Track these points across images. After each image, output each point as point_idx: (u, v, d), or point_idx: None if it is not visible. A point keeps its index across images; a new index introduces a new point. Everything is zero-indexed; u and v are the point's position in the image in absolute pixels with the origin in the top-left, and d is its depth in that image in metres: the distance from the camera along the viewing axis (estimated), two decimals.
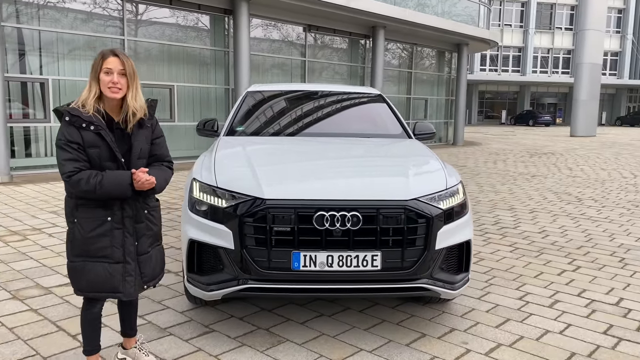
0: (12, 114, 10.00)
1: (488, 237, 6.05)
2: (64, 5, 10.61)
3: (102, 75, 2.50)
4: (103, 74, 2.50)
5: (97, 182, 2.42)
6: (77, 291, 2.61)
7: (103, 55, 2.53)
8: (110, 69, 2.49)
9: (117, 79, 2.49)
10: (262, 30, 14.48)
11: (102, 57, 2.52)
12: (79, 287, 2.59)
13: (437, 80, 21.15)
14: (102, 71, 2.50)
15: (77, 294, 2.62)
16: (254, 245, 3.05)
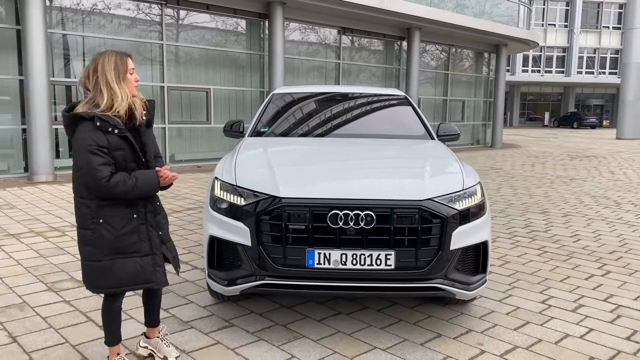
0: (57, 117, 10.47)
1: (516, 240, 5.97)
2: (106, 12, 11.03)
3: (128, 76, 2.61)
4: (129, 75, 2.61)
5: (133, 184, 2.54)
6: (104, 289, 2.65)
7: (122, 57, 2.62)
8: (133, 69, 2.64)
9: (137, 77, 2.67)
10: (297, 33, 14.64)
11: (121, 59, 2.61)
12: (107, 285, 2.63)
13: (475, 82, 20.84)
14: (128, 71, 2.61)
15: (100, 292, 2.67)
16: (270, 242, 3.13)
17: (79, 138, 2.50)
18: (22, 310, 3.73)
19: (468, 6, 18.43)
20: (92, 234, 2.58)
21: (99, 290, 2.68)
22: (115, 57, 2.60)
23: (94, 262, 2.60)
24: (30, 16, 9.21)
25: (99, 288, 2.67)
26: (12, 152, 10.07)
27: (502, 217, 7.20)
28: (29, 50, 9.28)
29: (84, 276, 2.68)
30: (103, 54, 2.61)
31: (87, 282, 2.68)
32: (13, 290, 4.11)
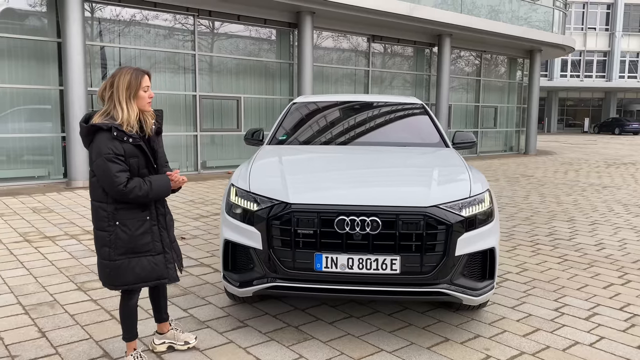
0: None
1: (538, 248, 5.93)
2: (141, 24, 11.46)
3: (141, 92, 2.81)
4: (142, 92, 2.81)
5: (148, 188, 2.77)
6: (120, 286, 2.87)
7: (137, 75, 2.80)
8: (147, 86, 2.84)
9: (151, 93, 2.87)
10: (326, 41, 14.83)
11: (137, 77, 2.79)
12: (124, 282, 2.84)
13: (508, 88, 20.58)
14: (142, 89, 2.81)
15: (118, 289, 2.89)
16: (280, 246, 3.27)
17: (97, 147, 2.71)
18: (53, 307, 3.98)
19: (501, 12, 18.26)
20: (108, 235, 2.79)
21: (116, 287, 2.89)
22: (130, 76, 2.78)
23: (110, 261, 2.81)
24: (69, 29, 9.68)
25: (116, 285, 2.87)
26: (52, 159, 10.56)
27: (526, 225, 7.15)
28: (68, 62, 9.75)
29: (101, 275, 2.89)
30: (121, 71, 2.81)
31: (103, 280, 2.90)
32: (45, 289, 4.37)
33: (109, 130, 2.70)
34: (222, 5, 12.14)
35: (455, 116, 18.37)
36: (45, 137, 10.44)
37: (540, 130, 47.02)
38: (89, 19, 10.73)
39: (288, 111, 5.13)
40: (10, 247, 5.66)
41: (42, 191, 9.40)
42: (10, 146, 10.09)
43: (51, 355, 3.22)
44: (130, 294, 2.97)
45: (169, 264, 2.96)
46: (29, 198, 8.66)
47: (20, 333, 3.52)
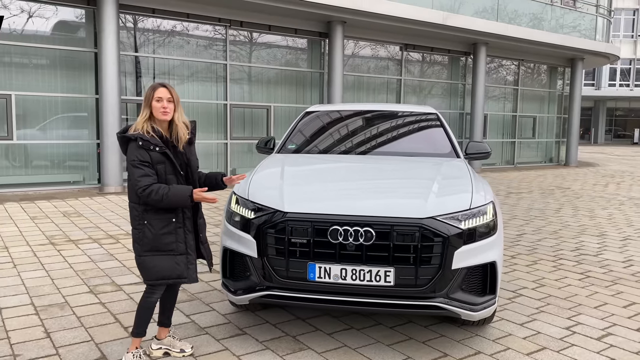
0: None
1: (560, 263, 5.71)
2: (174, 35, 11.77)
3: (154, 102, 3.06)
4: (155, 102, 3.05)
5: (164, 194, 2.95)
6: (147, 280, 3.09)
7: (154, 87, 3.09)
8: (160, 98, 3.06)
9: (166, 104, 3.06)
10: (358, 50, 14.82)
11: (152, 89, 3.08)
12: (148, 277, 3.07)
13: (548, 97, 20.01)
14: (154, 99, 3.05)
15: (146, 282, 3.11)
16: (274, 255, 3.27)
17: (128, 154, 3.04)
18: (62, 309, 4.10)
19: (540, 19, 17.83)
20: (138, 232, 3.07)
21: (145, 280, 3.11)
22: (148, 88, 3.12)
23: (139, 256, 3.08)
24: (105, 40, 10.03)
25: (144, 278, 3.11)
26: (87, 165, 10.93)
27: (552, 239, 6.91)
28: (103, 71, 10.10)
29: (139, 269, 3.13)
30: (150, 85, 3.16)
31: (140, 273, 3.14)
32: (59, 291, 4.51)
33: (136, 139, 2.99)
34: (254, 16, 12.33)
35: (492, 126, 17.99)
36: (82, 143, 10.82)
37: (586, 142, 45.48)
38: (123, 30, 11.10)
39: (300, 120, 5.14)
40: (35, 249, 5.87)
41: (75, 196, 9.74)
42: (49, 152, 10.51)
43: (51, 355, 3.31)
44: (152, 290, 3.13)
45: (190, 264, 3.14)
46: (62, 202, 8.98)
47: (27, 333, 3.63)
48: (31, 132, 10.27)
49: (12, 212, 7.97)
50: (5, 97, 9.76)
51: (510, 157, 18.79)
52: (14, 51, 9.99)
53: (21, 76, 10.05)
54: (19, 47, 10.01)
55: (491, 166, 17.95)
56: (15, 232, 6.70)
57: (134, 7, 10.88)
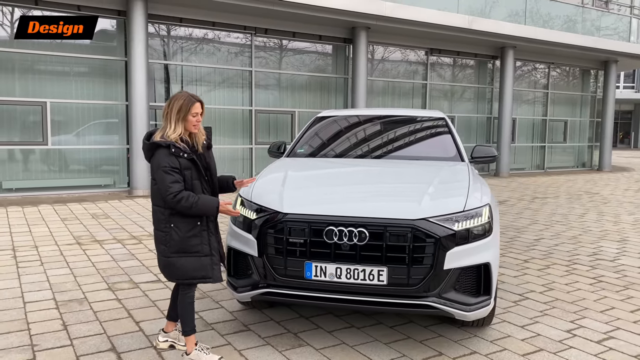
0: None
1: (573, 268, 5.67)
2: (200, 43, 12.12)
3: (189, 117, 3.17)
4: (191, 117, 3.18)
5: (193, 202, 3.08)
6: (174, 279, 3.24)
7: (190, 102, 3.17)
8: (196, 113, 3.20)
9: (200, 118, 3.23)
10: (383, 55, 14.91)
11: (188, 104, 3.16)
12: (176, 277, 3.21)
13: (580, 101, 19.60)
14: (191, 114, 3.17)
15: (173, 281, 3.26)
16: (273, 254, 3.42)
17: (157, 160, 3.11)
18: (81, 304, 4.34)
19: (571, 21, 17.54)
20: (164, 235, 3.18)
21: (170, 279, 3.26)
22: (182, 101, 3.16)
23: (165, 257, 3.20)
24: (134, 49, 10.43)
25: (170, 278, 3.25)
26: (118, 169, 11.35)
27: (570, 244, 6.84)
28: (132, 79, 10.50)
29: (161, 267, 3.28)
30: (178, 95, 3.20)
31: (162, 271, 3.28)
32: (80, 287, 4.77)
33: (168, 147, 3.09)
34: (279, 24, 12.58)
35: (521, 130, 17.76)
36: (113, 148, 11.25)
37: (626, 146, 44.13)
38: (153, 39, 11.50)
39: (311, 125, 5.29)
40: (62, 248, 6.19)
41: (105, 199, 10.13)
42: (82, 157, 10.96)
43: (66, 346, 3.54)
44: (187, 289, 3.27)
45: (215, 265, 3.27)
46: (92, 205, 9.37)
47: (46, 325, 3.88)
48: (65, 138, 10.75)
49: (45, 214, 8.38)
50: (41, 104, 10.26)
51: (540, 162, 18.49)
52: (48, 60, 10.49)
53: (56, 84, 10.54)
54: (54, 57, 10.50)
55: (520, 171, 17.71)
56: (46, 232, 7.06)
57: (162, 16, 11.27)
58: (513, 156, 17.40)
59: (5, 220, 7.85)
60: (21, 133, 10.32)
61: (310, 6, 11.59)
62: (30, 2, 9.96)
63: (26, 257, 5.75)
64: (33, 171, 10.52)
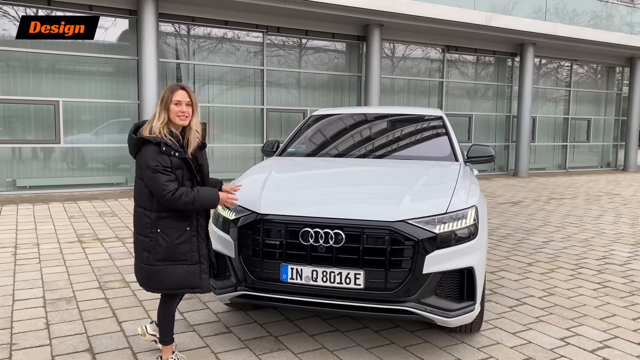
0: None
1: (579, 272, 5.46)
2: (212, 41, 12.14)
3: (172, 106, 2.95)
4: (173, 105, 2.95)
5: (194, 196, 2.91)
6: (158, 289, 3.02)
7: (172, 89, 2.97)
8: (179, 101, 2.96)
9: (184, 108, 2.99)
10: (397, 53, 14.71)
11: (171, 91, 2.97)
12: (160, 287, 3.00)
13: (605, 99, 19.04)
14: (172, 102, 2.95)
15: (155, 292, 3.05)
16: (250, 255, 3.34)
17: (144, 159, 2.88)
18: (69, 303, 4.34)
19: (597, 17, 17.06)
20: (149, 241, 2.96)
21: (152, 290, 3.05)
22: (166, 90, 2.99)
23: (149, 265, 2.97)
24: (145, 48, 10.50)
25: (152, 288, 3.04)
26: (129, 167, 11.42)
27: (580, 247, 6.60)
28: (143, 78, 10.57)
29: (140, 277, 3.04)
30: (166, 87, 3.04)
31: (141, 281, 3.06)
32: (71, 286, 4.77)
33: (158, 144, 2.87)
34: (291, 22, 12.52)
35: (542, 129, 17.34)
36: (125, 147, 11.27)
37: None
38: (164, 38, 11.56)
39: (305, 123, 5.19)
40: (63, 246, 6.23)
41: (116, 197, 10.22)
42: (94, 155, 11.09)
43: (44, 345, 3.52)
44: (170, 300, 3.12)
45: (203, 274, 3.07)
46: (101, 203, 9.46)
47: (29, 324, 3.88)
48: (77, 136, 10.88)
49: (54, 212, 8.48)
50: (54, 103, 10.40)
51: (561, 162, 18.04)
52: (61, 59, 10.63)
53: (69, 83, 10.68)
54: (66, 56, 10.63)
55: (540, 171, 17.31)
56: (51, 230, 7.13)
57: (173, 15, 11.31)
58: (533, 156, 17.01)
59: (14, 217, 7.97)
60: (34, 132, 10.48)
61: (322, 4, 11.50)
62: (42, 2, 10.11)
63: (25, 255, 5.80)
64: (46, 169, 10.68)
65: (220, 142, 12.34)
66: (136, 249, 3.04)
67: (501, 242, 6.80)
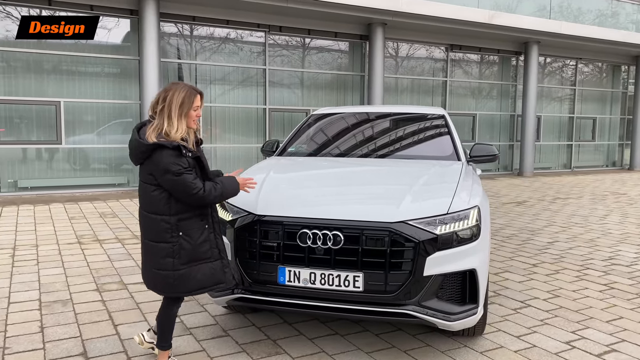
0: None
1: (585, 273, 5.35)
2: (213, 40, 12.08)
3: (191, 112, 2.90)
4: (192, 111, 2.91)
5: (221, 188, 2.92)
6: (187, 292, 2.94)
7: (191, 94, 2.89)
8: (198, 106, 2.95)
9: (200, 112, 2.97)
10: (401, 52, 14.62)
11: (190, 96, 2.89)
12: (186, 290, 2.92)
13: (610, 97, 18.88)
14: (192, 108, 2.90)
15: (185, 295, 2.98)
16: (247, 257, 3.27)
17: (164, 164, 2.79)
18: (65, 305, 4.27)
19: (598, 15, 16.91)
20: (172, 246, 2.88)
21: (180, 294, 2.97)
22: (184, 93, 2.87)
23: (174, 271, 2.88)
24: (146, 48, 10.45)
25: (180, 292, 2.95)
26: (131, 168, 11.35)
27: (585, 247, 6.49)
28: (144, 78, 10.51)
29: (160, 284, 2.94)
30: (176, 86, 2.90)
31: (164, 289, 2.96)
32: (68, 288, 4.71)
33: (177, 148, 2.80)
34: (293, 21, 12.44)
35: (547, 128, 17.20)
36: (127, 147, 11.26)
37: None
38: (166, 38, 11.50)
39: (305, 123, 5.11)
40: (62, 247, 6.17)
41: (117, 197, 10.17)
42: (96, 156, 11.04)
43: (37, 349, 3.45)
44: (175, 302, 3.06)
45: (226, 268, 3.05)
46: (103, 203, 9.40)
47: (24, 327, 3.81)
48: (79, 137, 10.83)
49: (54, 213, 8.43)
50: (55, 103, 10.36)
51: (567, 161, 17.89)
52: (63, 60, 10.58)
53: (70, 84, 10.63)
54: (68, 57, 10.58)
55: (545, 170, 17.17)
56: (50, 231, 7.08)
57: (175, 15, 11.25)
58: (538, 155, 16.87)
59: (14, 219, 7.92)
60: (36, 132, 10.44)
61: (325, 3, 11.41)
62: (43, 3, 10.07)
63: (24, 257, 5.74)
64: (47, 170, 10.64)
65: (222, 143, 12.28)
66: (151, 257, 2.93)
67: (505, 243, 6.70)
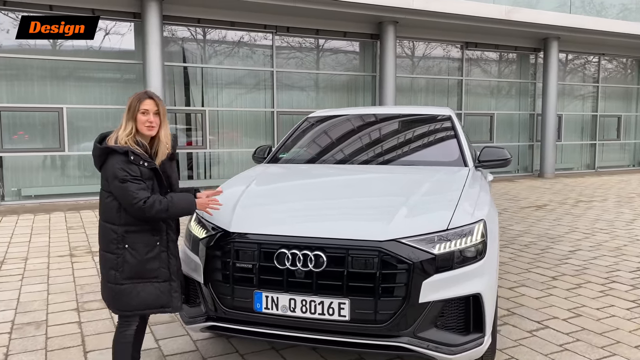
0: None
1: (610, 287, 4.86)
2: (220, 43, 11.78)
3: (139, 115, 2.74)
4: (140, 114, 2.74)
5: (168, 202, 2.69)
6: (126, 310, 2.74)
7: (140, 98, 2.77)
8: (146, 110, 2.74)
9: (152, 118, 2.74)
10: (414, 51, 14.15)
11: (138, 100, 2.76)
12: (126, 307, 2.73)
13: (636, 94, 18.09)
14: (139, 112, 2.74)
15: (121, 313, 2.77)
16: (220, 280, 2.89)
17: (112, 170, 2.66)
18: (38, 328, 3.96)
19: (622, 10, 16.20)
20: (116, 258, 2.71)
21: (119, 310, 2.77)
22: (133, 97, 2.80)
23: (116, 284, 2.71)
24: (149, 51, 10.19)
25: (119, 309, 2.76)
26: None
27: (611, 257, 5.97)
28: (148, 82, 10.25)
29: (107, 297, 2.79)
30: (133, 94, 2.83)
31: (108, 302, 2.80)
32: (47, 307, 4.40)
33: (125, 154, 2.66)
34: (301, 21, 12.08)
35: (568, 127, 16.53)
36: None
37: None
38: (170, 41, 11.24)
39: (298, 127, 4.73)
40: (52, 260, 5.89)
41: None
42: None
43: None
44: (128, 321, 2.81)
45: (174, 292, 2.82)
46: None
47: None
48: (82, 144, 10.61)
49: (54, 222, 8.19)
50: (57, 110, 10.15)
51: (590, 161, 17.18)
52: (65, 66, 10.38)
53: (73, 90, 10.43)
54: (70, 62, 10.38)
55: (567, 171, 16.50)
56: (45, 242, 6.82)
57: (178, 17, 10.99)
58: (559, 155, 16.22)
59: (11, 229, 7.70)
60: (39, 140, 10.25)
61: (334, 1, 11.04)
62: (44, 7, 9.87)
63: (10, 272, 5.47)
64: (50, 178, 10.44)
65: (230, 147, 11.97)
66: (102, 267, 2.78)
67: (522, 252, 6.22)
